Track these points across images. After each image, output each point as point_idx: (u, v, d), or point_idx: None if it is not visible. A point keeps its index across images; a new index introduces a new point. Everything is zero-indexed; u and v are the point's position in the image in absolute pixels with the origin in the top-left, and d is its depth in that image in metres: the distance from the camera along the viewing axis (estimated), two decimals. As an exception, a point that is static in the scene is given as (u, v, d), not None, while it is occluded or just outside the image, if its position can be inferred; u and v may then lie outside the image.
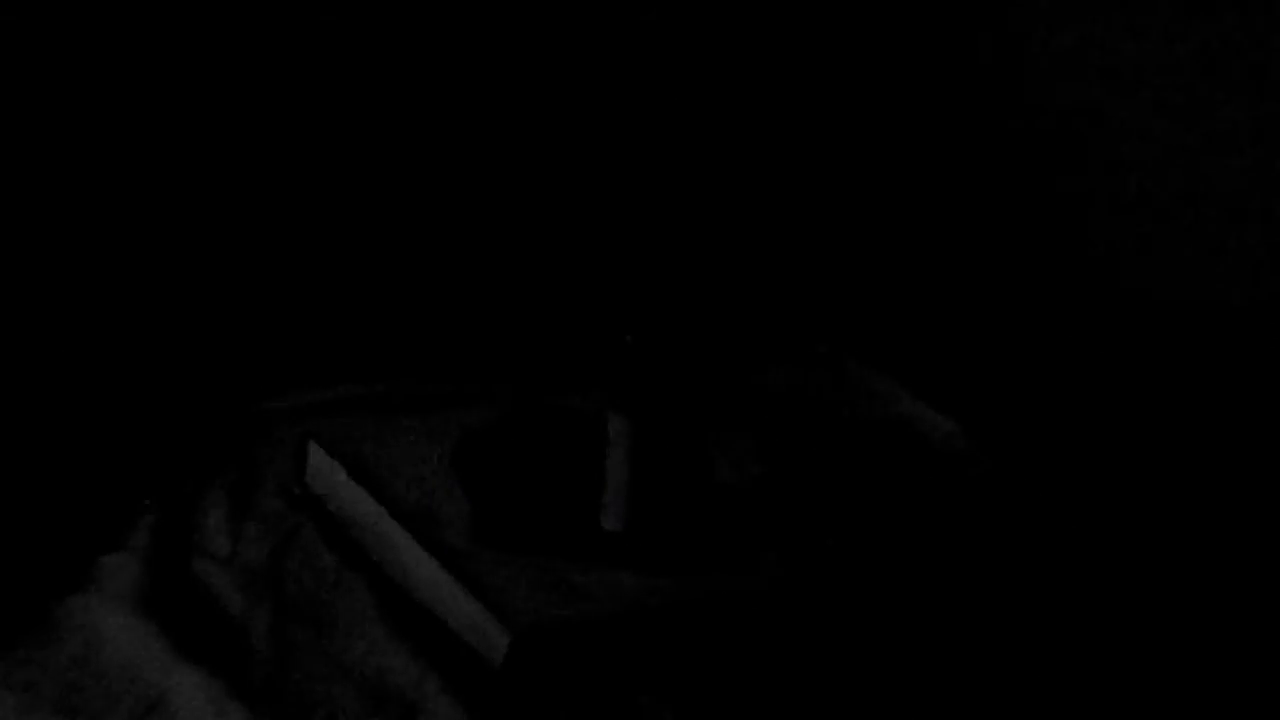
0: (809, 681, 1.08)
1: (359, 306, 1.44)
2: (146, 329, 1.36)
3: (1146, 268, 1.45)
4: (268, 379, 1.33)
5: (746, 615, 1.11)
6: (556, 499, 1.17)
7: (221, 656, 1.04)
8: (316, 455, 1.20)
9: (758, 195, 1.60)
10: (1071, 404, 1.41)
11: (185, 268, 1.41)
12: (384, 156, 1.49)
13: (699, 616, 1.10)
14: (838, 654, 1.11)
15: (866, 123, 1.60)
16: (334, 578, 1.13)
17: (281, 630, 1.08)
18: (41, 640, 1.05)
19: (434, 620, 1.08)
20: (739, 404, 1.32)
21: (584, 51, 1.54)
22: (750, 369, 1.37)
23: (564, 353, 1.38)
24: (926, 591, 1.16)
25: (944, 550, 1.20)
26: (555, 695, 1.04)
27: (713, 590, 1.11)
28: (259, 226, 1.44)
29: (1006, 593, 1.18)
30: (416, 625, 1.09)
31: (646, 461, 1.13)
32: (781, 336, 1.47)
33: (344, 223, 1.48)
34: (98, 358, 1.32)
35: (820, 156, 1.61)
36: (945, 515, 1.24)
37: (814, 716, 1.06)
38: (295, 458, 1.22)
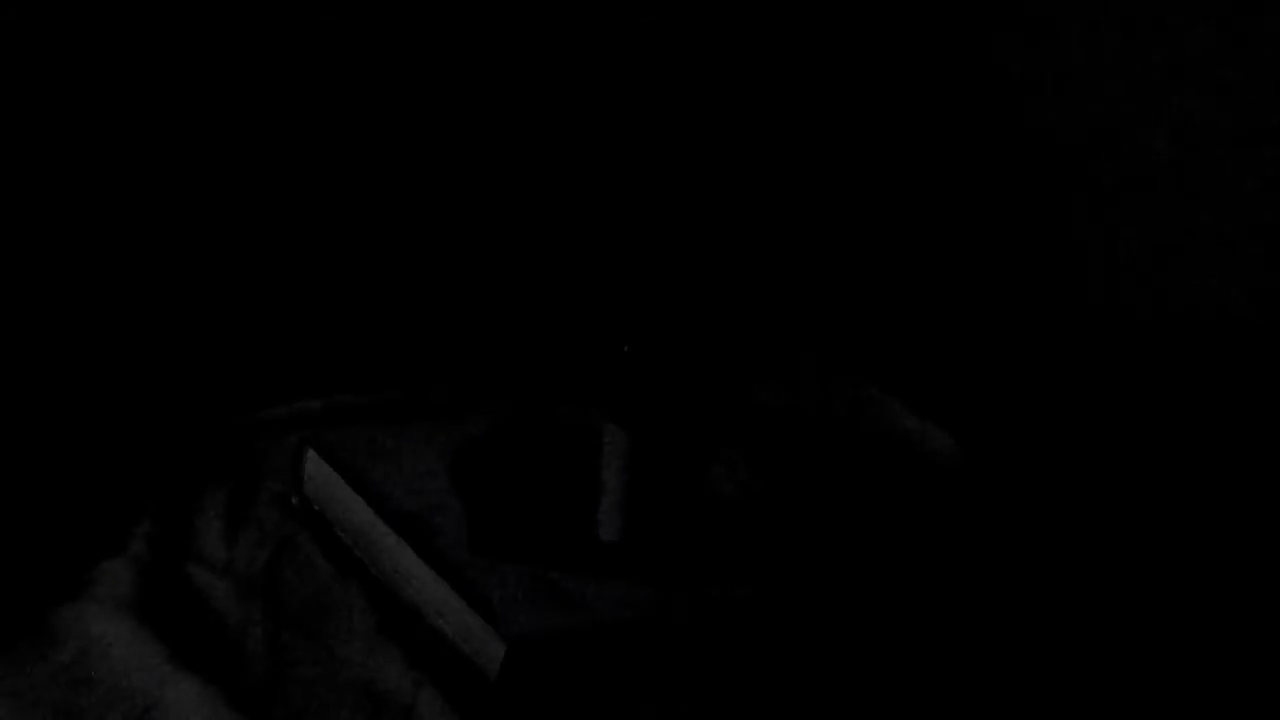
0: (804, 693, 1.08)
1: (357, 316, 1.44)
2: (145, 336, 1.36)
3: (1142, 281, 1.46)
4: (266, 387, 1.33)
5: (742, 626, 1.11)
6: (553, 509, 1.17)
7: (217, 664, 1.04)
8: (314, 464, 1.20)
9: (754, 209, 1.60)
10: (1065, 415, 1.41)
11: (184, 276, 1.41)
12: (384, 167, 1.49)
13: (694, 627, 1.10)
14: (833, 666, 1.11)
15: (861, 139, 1.61)
16: (330, 586, 1.13)
17: (277, 638, 1.08)
18: (37, 646, 1.05)
19: (430, 629, 1.08)
20: (734, 416, 1.32)
21: (589, 68, 1.54)
22: (746, 382, 1.37)
23: (561, 363, 1.38)
24: (922, 603, 1.16)
25: (938, 561, 1.21)
26: (550, 705, 1.04)
27: (708, 601, 1.11)
28: (259, 235, 1.44)
29: (1001, 603, 1.18)
30: (412, 634, 1.09)
31: (643, 473, 1.13)
32: (777, 350, 1.47)
33: (343, 232, 1.48)
34: (96, 365, 1.32)
35: (814, 172, 1.61)
36: (939, 526, 1.24)
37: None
38: (292, 466, 1.22)
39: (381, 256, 1.48)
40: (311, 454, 1.20)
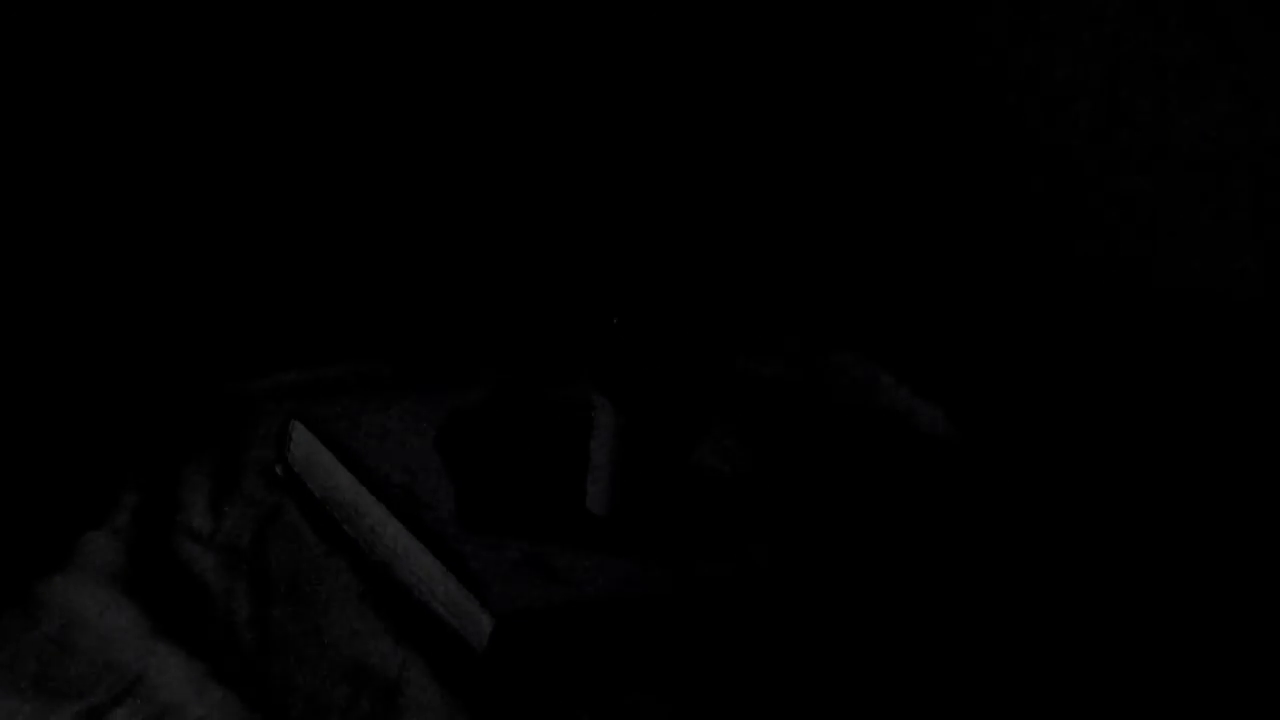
0: (795, 669, 1.08)
1: (346, 288, 1.43)
2: (130, 308, 1.36)
3: (1140, 256, 1.45)
4: (252, 359, 1.33)
5: (731, 602, 1.11)
6: (541, 483, 1.17)
7: (202, 637, 1.04)
8: (300, 436, 1.19)
9: (746, 185, 1.60)
10: (1057, 390, 1.41)
11: (170, 247, 1.40)
12: (372, 140, 1.49)
13: (683, 603, 1.10)
14: (824, 642, 1.10)
15: (854, 117, 1.60)
16: (316, 559, 1.13)
17: (263, 611, 1.07)
18: (21, 618, 1.04)
19: (417, 603, 1.08)
20: (725, 391, 1.31)
21: (572, 39, 1.54)
22: (737, 357, 1.37)
23: (550, 336, 1.37)
24: (914, 579, 1.16)
25: (931, 537, 1.20)
26: (538, 680, 1.04)
27: (697, 577, 1.11)
28: (245, 207, 1.44)
29: (994, 579, 1.18)
30: (399, 608, 1.08)
31: (632, 447, 1.13)
32: (768, 325, 1.47)
33: (331, 204, 1.47)
34: (80, 337, 1.31)
35: (807, 150, 1.61)
36: (932, 502, 1.24)
37: (801, 704, 1.05)
38: (279, 438, 1.21)
39: (371, 229, 1.48)
40: (298, 425, 1.19)
